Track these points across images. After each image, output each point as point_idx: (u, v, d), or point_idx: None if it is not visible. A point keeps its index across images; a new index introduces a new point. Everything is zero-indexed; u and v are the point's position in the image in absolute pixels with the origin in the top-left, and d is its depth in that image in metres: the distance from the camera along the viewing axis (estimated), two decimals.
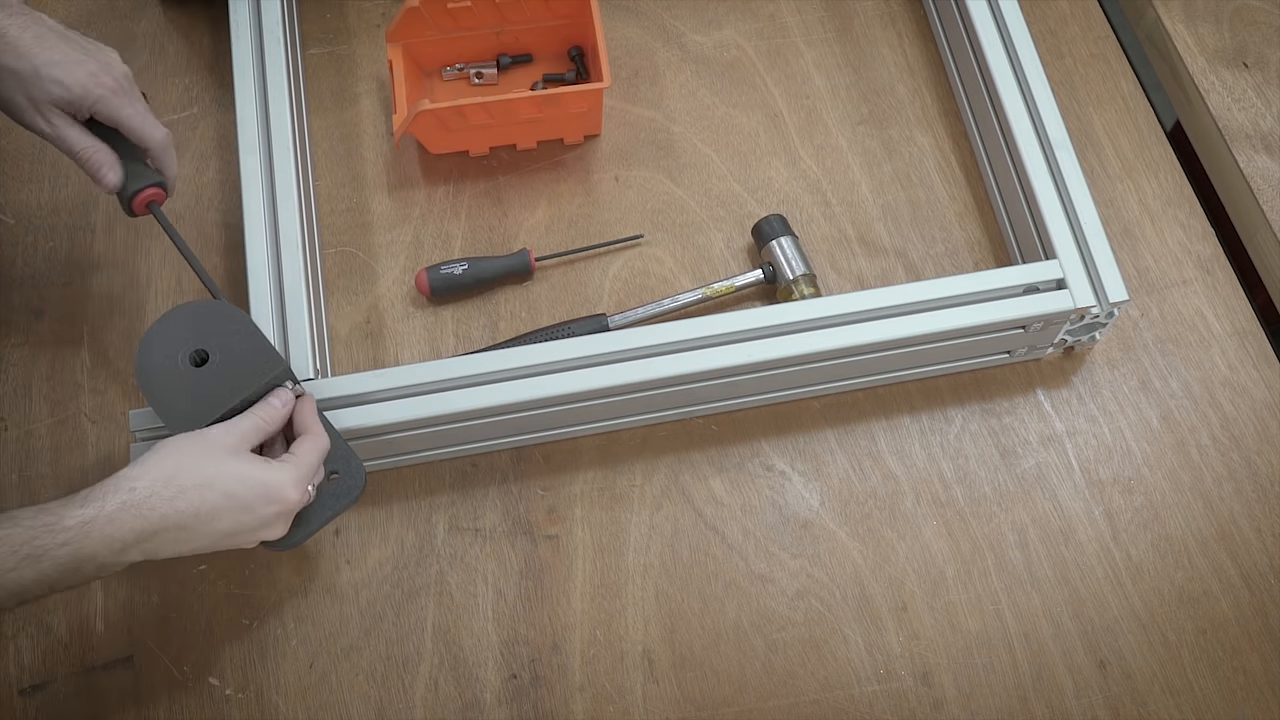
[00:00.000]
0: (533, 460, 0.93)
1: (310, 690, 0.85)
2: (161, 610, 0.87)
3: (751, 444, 0.94)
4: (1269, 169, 1.04)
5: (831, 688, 0.86)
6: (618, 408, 0.91)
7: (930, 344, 0.91)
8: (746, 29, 1.13)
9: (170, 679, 0.85)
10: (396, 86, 1.01)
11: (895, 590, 0.89)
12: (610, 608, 0.88)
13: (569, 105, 1.01)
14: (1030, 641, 0.88)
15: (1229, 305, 1.00)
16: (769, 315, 0.89)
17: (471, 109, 0.99)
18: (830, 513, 0.92)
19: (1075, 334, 0.95)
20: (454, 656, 0.87)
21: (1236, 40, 1.11)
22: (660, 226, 1.03)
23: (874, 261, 1.02)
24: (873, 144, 1.07)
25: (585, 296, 1.00)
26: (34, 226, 1.02)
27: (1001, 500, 0.93)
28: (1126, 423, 0.96)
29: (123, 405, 0.94)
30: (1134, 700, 0.86)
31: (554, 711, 0.85)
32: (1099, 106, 1.09)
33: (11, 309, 0.98)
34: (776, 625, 0.88)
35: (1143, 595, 0.89)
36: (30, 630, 0.86)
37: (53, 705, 0.84)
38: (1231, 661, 0.87)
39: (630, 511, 0.92)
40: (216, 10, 1.11)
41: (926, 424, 0.95)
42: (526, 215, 1.04)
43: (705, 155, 1.07)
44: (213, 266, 1.00)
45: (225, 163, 1.04)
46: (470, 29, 1.06)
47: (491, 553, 0.90)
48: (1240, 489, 0.93)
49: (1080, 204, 0.94)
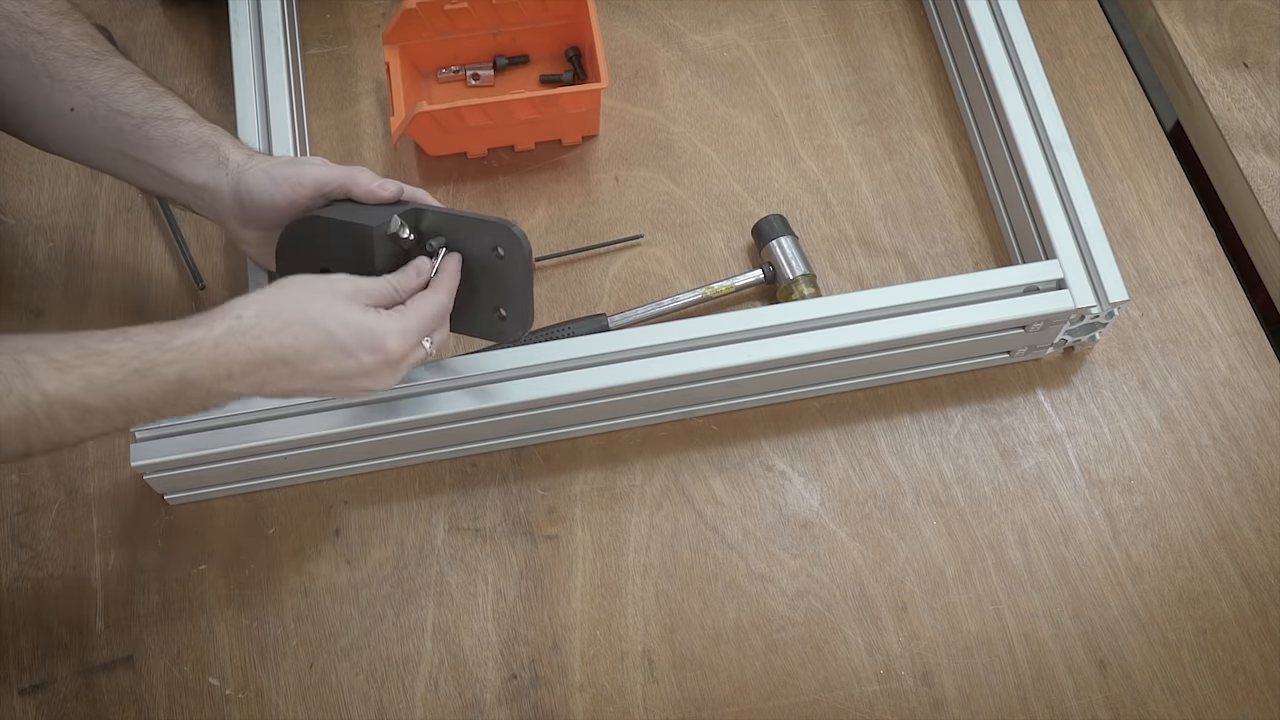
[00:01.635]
0: (533, 460, 0.93)
1: (310, 690, 0.85)
2: (161, 610, 0.87)
3: (751, 444, 0.94)
4: (1269, 169, 1.04)
5: (831, 688, 0.86)
6: (618, 408, 0.91)
7: (930, 344, 0.91)
8: (746, 29, 1.13)
9: (170, 679, 0.85)
10: (394, 88, 1.01)
11: (895, 590, 0.89)
12: (610, 608, 0.88)
13: (567, 106, 1.01)
14: (1030, 641, 0.88)
15: (1229, 305, 1.00)
16: (769, 315, 0.89)
17: (469, 110, 0.99)
18: (830, 513, 0.92)
19: (1075, 334, 0.95)
20: (454, 656, 0.87)
21: (1236, 40, 1.11)
22: (660, 226, 1.03)
23: (874, 261, 1.02)
24: (873, 144, 1.07)
25: (585, 296, 1.00)
26: (34, 226, 1.02)
27: (1001, 500, 0.93)
28: (1126, 423, 0.96)
29: None
30: (1134, 700, 0.86)
31: (554, 711, 0.85)
32: (1099, 106, 1.09)
33: (11, 309, 0.98)
34: (776, 625, 0.88)
35: (1143, 595, 0.89)
36: (30, 630, 0.86)
37: (53, 705, 0.84)
38: (1231, 661, 0.87)
39: (630, 511, 0.92)
40: (216, 10, 1.11)
41: (926, 424, 0.95)
42: (526, 215, 1.04)
43: (705, 155, 1.07)
44: (213, 266, 1.00)
45: None
46: (467, 30, 1.05)
47: (491, 553, 0.90)
48: (1240, 489, 0.93)
49: (1080, 204, 0.94)
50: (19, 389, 0.63)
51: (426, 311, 0.76)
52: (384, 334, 0.73)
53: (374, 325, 0.73)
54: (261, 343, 0.69)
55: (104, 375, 0.65)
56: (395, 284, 0.76)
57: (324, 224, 0.79)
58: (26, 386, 0.63)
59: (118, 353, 0.66)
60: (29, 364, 0.64)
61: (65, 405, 0.64)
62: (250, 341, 0.69)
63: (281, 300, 0.72)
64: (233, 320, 0.69)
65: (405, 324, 0.74)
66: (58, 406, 0.64)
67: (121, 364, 0.66)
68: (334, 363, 0.72)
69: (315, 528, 0.90)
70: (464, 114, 0.99)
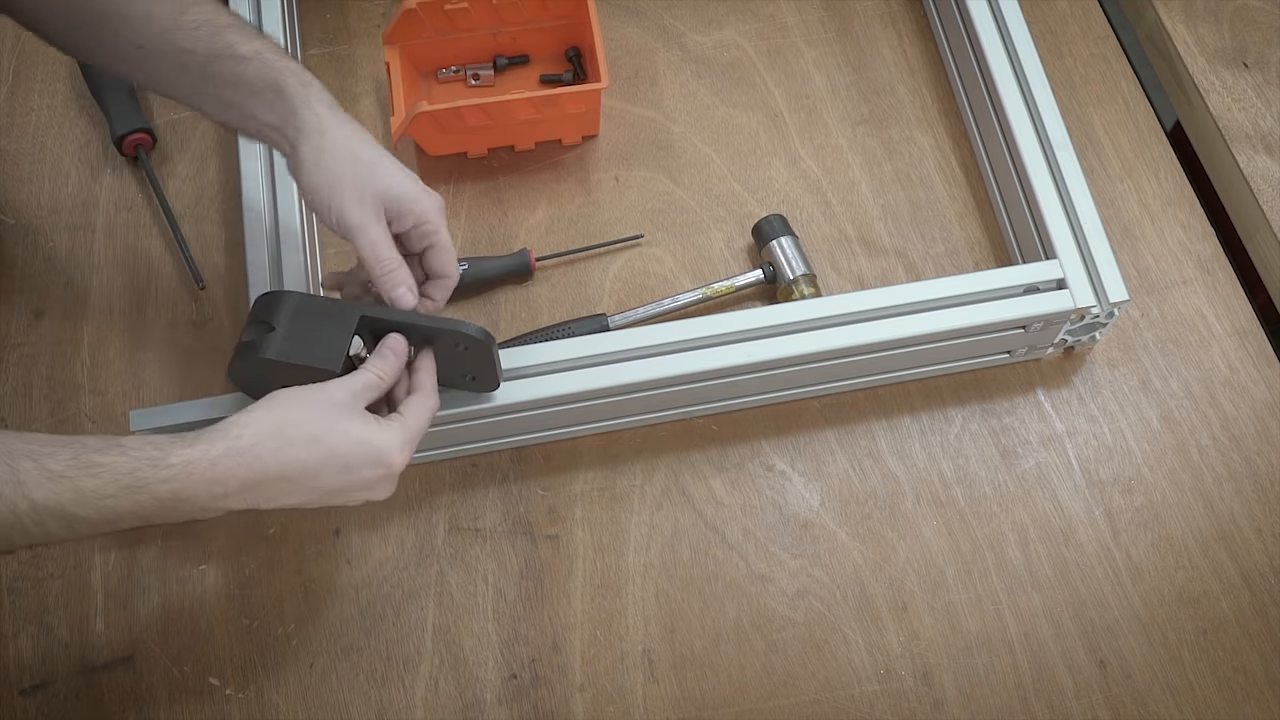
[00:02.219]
0: (533, 460, 0.93)
1: (310, 690, 0.85)
2: (161, 610, 0.87)
3: (751, 444, 0.94)
4: (1269, 169, 1.04)
5: (831, 688, 0.86)
6: (618, 408, 0.91)
7: (930, 344, 0.91)
8: (746, 29, 1.13)
9: (170, 679, 0.85)
10: (394, 88, 1.01)
11: (895, 590, 0.89)
12: (610, 608, 0.88)
13: (566, 106, 1.01)
14: (1030, 641, 0.88)
15: (1229, 305, 1.00)
16: (769, 315, 0.89)
17: (469, 110, 0.99)
18: (830, 513, 0.92)
19: (1075, 334, 0.95)
20: (454, 656, 0.87)
21: (1236, 40, 1.11)
22: (660, 226, 1.03)
23: (874, 261, 1.02)
24: (873, 144, 1.07)
25: (585, 296, 1.00)
26: (34, 226, 1.02)
27: (1001, 500, 0.93)
28: (1127, 423, 0.96)
29: (123, 405, 0.94)
30: (1134, 700, 0.86)
31: (554, 711, 0.85)
32: (1099, 106, 1.09)
33: (11, 309, 0.98)
34: (776, 625, 0.88)
35: (1143, 595, 0.89)
36: (30, 630, 0.86)
37: (53, 705, 0.84)
38: (1231, 662, 0.87)
39: (630, 511, 0.92)
40: None
41: (926, 424, 0.95)
42: (526, 215, 1.04)
43: (705, 155, 1.07)
44: (213, 266, 1.00)
45: (225, 163, 1.04)
46: (467, 30, 1.06)
47: (491, 553, 0.90)
48: (1240, 489, 0.93)
49: (1080, 204, 0.94)
50: (7, 494, 0.62)
51: (423, 420, 0.76)
52: (388, 450, 0.72)
53: (376, 440, 0.72)
54: (261, 462, 0.68)
55: (95, 489, 0.64)
56: (379, 373, 0.75)
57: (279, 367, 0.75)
58: (15, 493, 0.62)
59: (111, 466, 0.65)
60: (21, 470, 0.63)
61: (53, 515, 0.63)
62: (250, 461, 0.68)
63: (280, 418, 0.70)
64: (231, 440, 0.68)
65: (406, 436, 0.73)
66: (45, 515, 0.63)
67: (115, 478, 0.65)
68: (336, 478, 0.71)
69: (315, 528, 0.90)
70: (464, 114, 0.99)
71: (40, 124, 1.06)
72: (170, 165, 1.04)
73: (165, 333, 0.97)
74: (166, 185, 1.03)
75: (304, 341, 0.75)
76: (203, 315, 0.98)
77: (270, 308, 0.76)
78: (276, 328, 0.74)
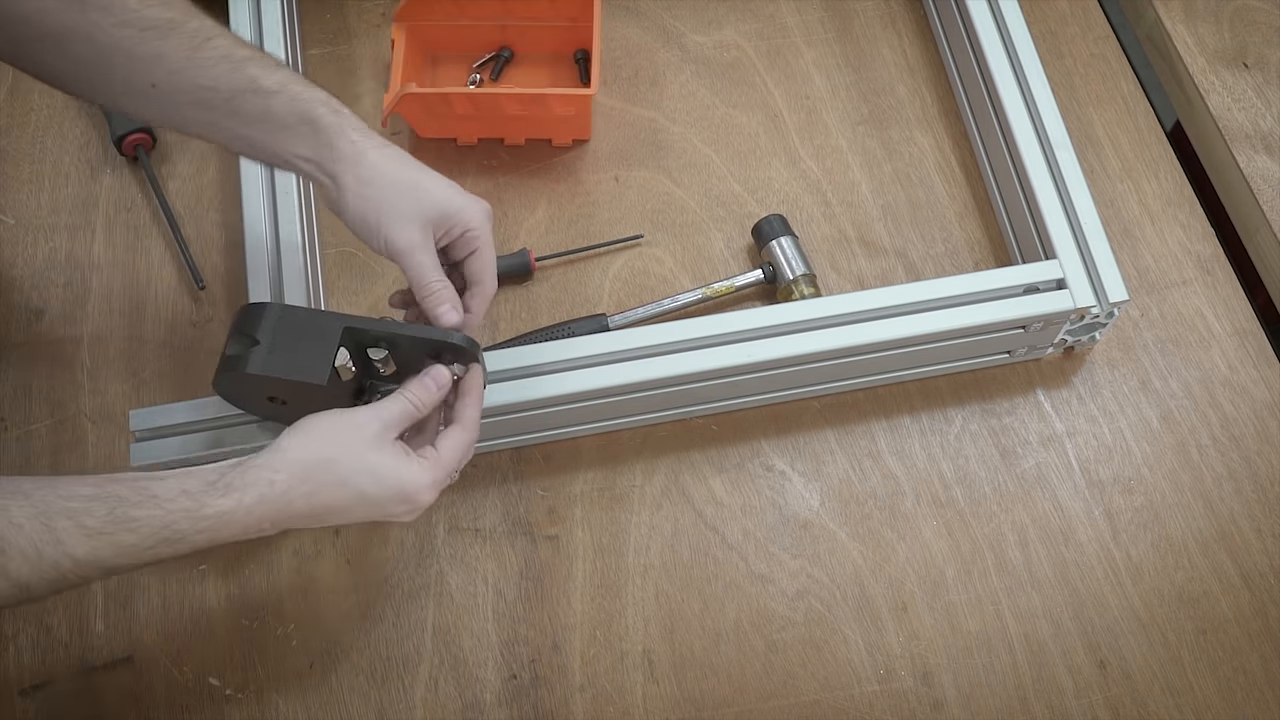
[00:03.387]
0: (533, 460, 0.93)
1: (310, 690, 0.85)
2: (161, 610, 0.87)
3: (751, 444, 0.94)
4: (1269, 169, 1.04)
5: (831, 688, 0.86)
6: (618, 408, 0.91)
7: (930, 344, 0.91)
8: (746, 29, 1.13)
9: (170, 679, 0.85)
10: (395, 66, 1.02)
11: (895, 590, 0.89)
12: (610, 608, 0.88)
13: (554, 107, 1.01)
14: (1030, 641, 0.88)
15: (1229, 305, 1.00)
16: (769, 315, 0.89)
17: (457, 97, 0.99)
18: (830, 513, 0.92)
19: (1075, 334, 0.95)
20: (454, 657, 0.87)
21: (1236, 40, 1.11)
22: (660, 226, 1.03)
23: (874, 261, 1.02)
24: (873, 144, 1.07)
25: (585, 296, 1.00)
26: (34, 226, 1.02)
27: (1001, 500, 0.93)
28: (1126, 423, 0.96)
29: (123, 405, 0.94)
30: (1134, 700, 0.86)
31: (554, 711, 0.85)
32: (1099, 106, 1.09)
33: (11, 309, 0.98)
34: (776, 625, 0.88)
35: (1143, 595, 0.89)
36: (30, 630, 0.86)
37: (53, 705, 0.84)
38: (1231, 662, 0.87)
39: (630, 511, 0.92)
40: (216, 10, 1.10)
41: (926, 424, 0.95)
42: (526, 215, 1.04)
43: (705, 155, 1.07)
44: (213, 266, 1.00)
45: (225, 163, 1.04)
46: (475, 19, 1.07)
47: (491, 553, 0.90)
48: (1240, 489, 0.93)
49: (1080, 204, 0.94)
50: (49, 554, 0.63)
51: (458, 456, 0.75)
52: (416, 490, 0.72)
53: (405, 480, 0.72)
54: (294, 507, 0.70)
55: (134, 543, 0.65)
56: (417, 402, 0.74)
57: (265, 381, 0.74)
58: (57, 553, 0.63)
59: (148, 520, 0.65)
60: (59, 529, 0.63)
61: (95, 568, 0.65)
62: (283, 506, 0.69)
63: (312, 458, 0.70)
64: (264, 488, 0.69)
65: (436, 475, 0.73)
66: (87, 569, 0.64)
67: (153, 532, 0.66)
68: (365, 513, 0.72)
69: (315, 528, 0.90)
70: (451, 100, 1.00)
71: (40, 124, 1.06)
72: (170, 165, 1.05)
73: (165, 333, 0.97)
74: (166, 185, 1.03)
75: (289, 354, 0.74)
76: (203, 315, 0.98)
77: (253, 320, 0.75)
78: (260, 341, 0.74)
